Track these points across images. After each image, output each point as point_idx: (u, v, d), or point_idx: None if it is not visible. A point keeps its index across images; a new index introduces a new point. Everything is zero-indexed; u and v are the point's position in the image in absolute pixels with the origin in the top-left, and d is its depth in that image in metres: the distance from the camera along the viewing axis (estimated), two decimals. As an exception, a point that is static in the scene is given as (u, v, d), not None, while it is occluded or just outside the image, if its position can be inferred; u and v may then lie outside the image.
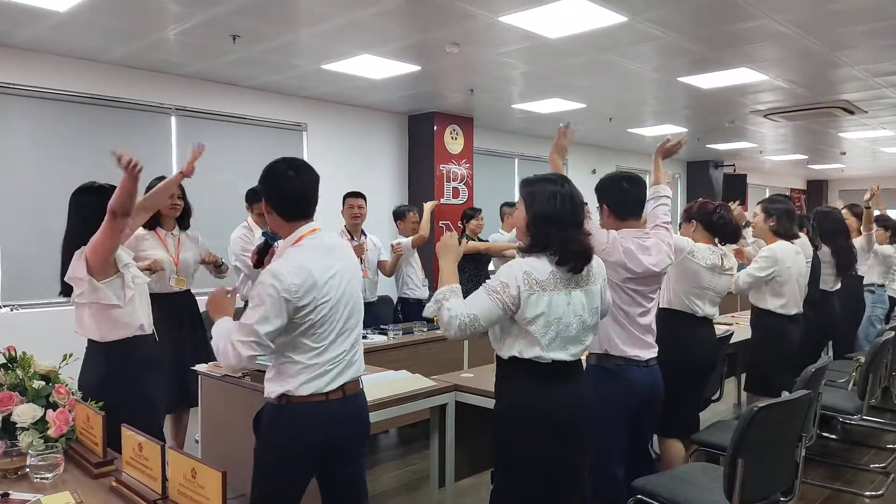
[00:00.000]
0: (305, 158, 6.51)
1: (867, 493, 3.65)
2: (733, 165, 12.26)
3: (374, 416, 2.77)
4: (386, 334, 4.32)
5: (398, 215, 5.59)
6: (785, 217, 4.00)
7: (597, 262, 2.30)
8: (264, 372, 3.00)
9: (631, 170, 4.78)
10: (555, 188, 2.20)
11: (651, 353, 2.77)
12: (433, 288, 7.09)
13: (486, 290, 2.12)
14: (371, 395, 2.78)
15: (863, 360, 3.96)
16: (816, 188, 15.68)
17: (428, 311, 2.26)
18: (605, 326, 2.65)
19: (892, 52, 5.27)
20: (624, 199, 2.75)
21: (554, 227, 2.15)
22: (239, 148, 6.41)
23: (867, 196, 5.28)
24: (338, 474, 2.27)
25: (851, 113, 7.49)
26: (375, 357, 4.03)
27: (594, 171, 10.45)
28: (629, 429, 2.76)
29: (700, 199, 3.48)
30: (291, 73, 5.91)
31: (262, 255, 2.69)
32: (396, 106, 7.51)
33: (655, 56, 5.42)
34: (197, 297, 4.07)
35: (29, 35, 4.77)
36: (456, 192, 7.93)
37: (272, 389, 2.18)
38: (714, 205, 3.35)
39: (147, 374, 2.90)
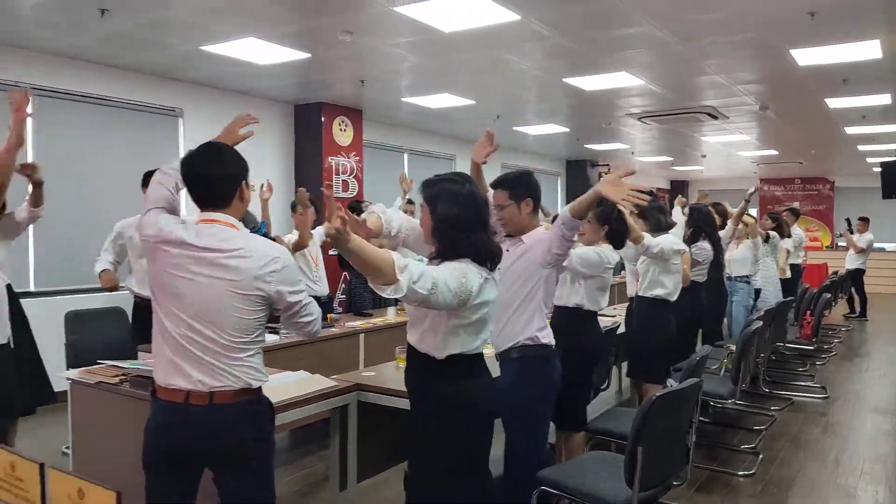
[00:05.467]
0: (181, 146, 6.24)
1: (741, 473, 3.94)
2: (608, 165, 12.93)
3: (277, 419, 2.61)
4: (277, 333, 4.11)
5: (293, 207, 5.35)
6: (655, 212, 4.26)
7: None
8: (144, 378, 2.77)
9: (515, 167, 4.84)
10: (456, 188, 2.14)
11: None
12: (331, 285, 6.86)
13: (450, 269, 2.03)
14: (272, 396, 2.62)
15: (734, 348, 4.29)
16: (679, 188, 16.89)
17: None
18: (536, 317, 2.67)
19: (751, 63, 5.74)
20: (539, 194, 2.80)
21: (459, 232, 2.09)
22: (106, 133, 5.89)
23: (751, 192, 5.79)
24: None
25: (715, 118, 8.10)
26: (267, 357, 3.81)
27: (480, 168, 10.61)
28: None
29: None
30: (166, 53, 5.49)
31: None
32: (282, 94, 7.21)
33: (544, 56, 5.56)
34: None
35: None
36: (346, 186, 7.75)
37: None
38: (615, 215, 3.43)
39: None
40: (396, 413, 2.94)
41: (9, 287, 3.37)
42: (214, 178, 2.05)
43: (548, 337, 2.72)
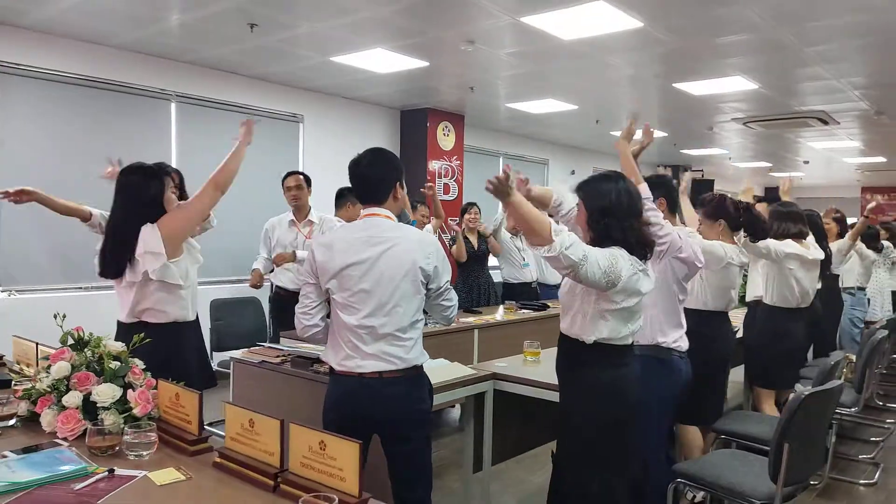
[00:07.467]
0: (301, 150, 6.63)
1: (861, 482, 3.90)
2: (702, 170, 12.68)
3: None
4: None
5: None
6: (784, 218, 4.21)
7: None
8: (305, 358, 3.06)
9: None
10: (609, 184, 2.31)
11: (687, 344, 2.92)
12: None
13: (602, 251, 2.18)
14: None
15: (854, 357, 4.23)
16: (773, 195, 16.31)
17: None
18: (657, 318, 2.78)
19: (870, 66, 5.59)
20: (674, 195, 2.90)
21: (611, 218, 2.25)
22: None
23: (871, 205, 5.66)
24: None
25: (826, 123, 7.87)
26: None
27: (573, 172, 10.69)
28: None
29: (717, 194, 3.51)
30: (297, 65, 5.88)
31: None
32: (391, 100, 7.53)
33: (658, 61, 5.59)
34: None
35: (42, 15, 4.64)
36: (447, 189, 8.01)
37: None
38: (738, 206, 3.47)
39: (191, 360, 2.92)
40: (525, 403, 3.17)
41: None
42: (373, 178, 2.39)
43: (671, 339, 2.81)
